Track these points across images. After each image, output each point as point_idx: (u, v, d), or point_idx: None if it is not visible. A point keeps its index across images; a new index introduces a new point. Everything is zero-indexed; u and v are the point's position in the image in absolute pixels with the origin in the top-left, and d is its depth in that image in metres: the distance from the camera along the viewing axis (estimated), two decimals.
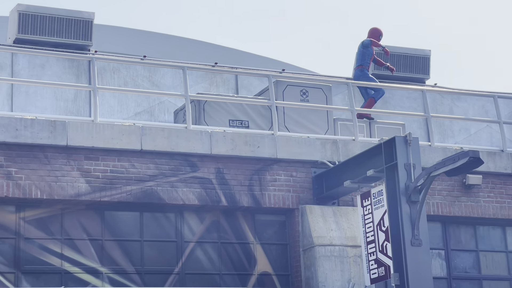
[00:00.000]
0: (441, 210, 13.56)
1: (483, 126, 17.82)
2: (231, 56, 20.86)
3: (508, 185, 14.04)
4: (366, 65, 15.62)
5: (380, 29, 15.92)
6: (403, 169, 11.48)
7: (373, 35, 15.83)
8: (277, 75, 14.65)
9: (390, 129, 14.97)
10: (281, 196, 12.73)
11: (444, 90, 16.79)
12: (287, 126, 13.91)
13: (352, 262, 12.40)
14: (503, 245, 14.24)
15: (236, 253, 12.64)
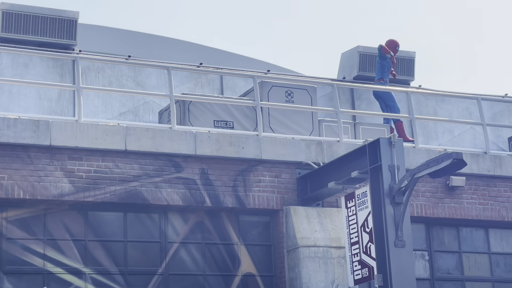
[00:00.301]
0: (425, 211, 13.60)
1: (467, 128, 17.89)
2: (216, 56, 20.84)
3: (491, 187, 14.11)
4: (386, 77, 15.80)
5: (396, 41, 16.08)
6: (387, 170, 11.51)
7: (390, 47, 15.99)
8: (262, 76, 14.65)
9: (375, 130, 15.01)
10: (265, 197, 12.72)
11: (428, 92, 16.85)
12: (272, 127, 13.90)
13: (336, 263, 12.41)
14: (485, 247, 14.30)
15: (220, 254, 12.63)
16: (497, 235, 14.41)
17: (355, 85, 15.96)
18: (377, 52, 16.02)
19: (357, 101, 17.51)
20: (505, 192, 14.19)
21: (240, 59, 21.02)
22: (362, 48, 17.69)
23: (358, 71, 17.65)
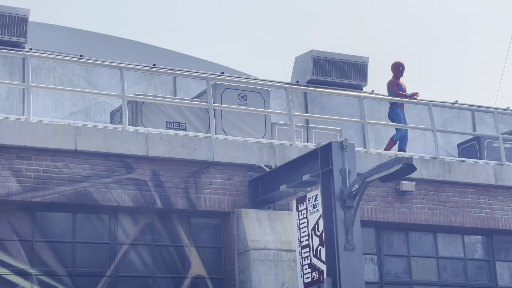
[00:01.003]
0: (375, 215, 13.70)
1: (417, 133, 18.09)
2: (170, 58, 20.75)
3: (440, 192, 14.27)
4: (396, 103, 15.70)
5: (398, 62, 15.98)
6: (338, 174, 11.55)
7: (393, 70, 15.96)
8: (216, 78, 14.62)
9: (327, 134, 15.07)
10: (217, 199, 12.69)
11: (381, 97, 16.98)
12: (225, 129, 13.88)
13: (286, 266, 12.43)
14: (434, 251, 14.46)
15: (170, 256, 12.55)
16: (445, 240, 14.58)
17: (308, 89, 16.01)
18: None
19: (310, 105, 17.59)
20: (454, 197, 14.37)
21: (193, 61, 20.96)
22: (316, 52, 17.78)
23: (311, 75, 17.73)
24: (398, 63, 15.98)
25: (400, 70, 15.97)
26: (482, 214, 14.55)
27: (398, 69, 15.96)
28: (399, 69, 15.96)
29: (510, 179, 14.80)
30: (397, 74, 16.00)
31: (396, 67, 15.97)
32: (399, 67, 15.96)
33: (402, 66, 15.99)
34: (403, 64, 16.01)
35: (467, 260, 14.69)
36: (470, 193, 14.53)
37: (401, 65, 15.99)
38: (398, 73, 16.00)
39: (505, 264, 14.97)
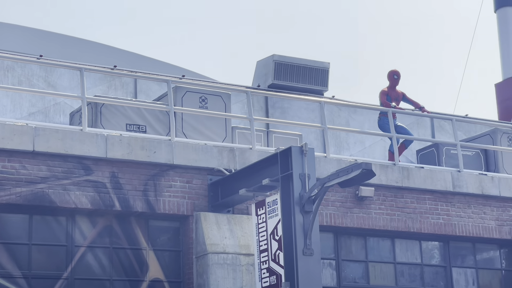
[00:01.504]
0: (334, 220, 13.75)
1: (377, 139, 18.21)
2: (131, 60, 20.64)
3: (398, 198, 14.37)
4: (385, 113, 15.56)
5: (394, 71, 15.81)
6: (298, 179, 11.58)
7: (389, 78, 15.80)
8: (177, 81, 14.56)
9: (287, 139, 15.11)
10: (176, 202, 12.63)
11: (341, 103, 17.07)
12: (185, 132, 13.83)
13: (245, 270, 12.41)
14: (391, 256, 14.55)
15: (128, 259, 12.46)
16: (402, 245, 14.69)
17: (269, 93, 16.04)
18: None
19: (271, 109, 17.61)
20: (412, 203, 14.48)
21: (155, 63, 20.88)
22: (277, 57, 17.82)
23: (273, 80, 17.77)
24: (394, 71, 15.83)
25: (395, 79, 15.80)
26: (440, 221, 14.69)
27: (393, 78, 15.79)
28: (394, 78, 15.79)
29: (467, 186, 14.97)
30: (393, 83, 15.82)
31: (392, 76, 15.81)
32: (394, 76, 15.80)
33: (397, 74, 15.82)
34: (398, 72, 15.84)
35: (424, 266, 14.81)
36: (428, 199, 14.66)
37: (396, 73, 15.82)
38: (393, 82, 15.82)
39: (461, 270, 15.13)
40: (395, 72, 15.84)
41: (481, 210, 15.08)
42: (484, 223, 15.04)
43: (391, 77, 15.82)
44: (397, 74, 15.82)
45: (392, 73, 15.83)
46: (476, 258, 15.30)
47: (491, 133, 17.30)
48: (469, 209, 14.96)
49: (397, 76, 15.83)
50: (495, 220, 15.17)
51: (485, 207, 15.11)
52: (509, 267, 15.59)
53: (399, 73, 15.85)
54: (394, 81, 15.83)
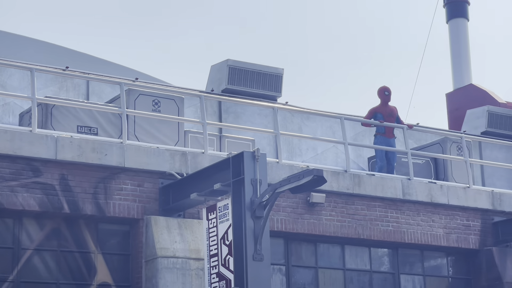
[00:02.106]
0: (285, 226, 13.76)
1: (329, 146, 18.30)
2: (83, 61, 20.43)
3: (349, 205, 14.45)
4: (380, 131, 15.59)
5: (384, 87, 15.77)
6: (249, 184, 11.56)
7: (379, 95, 15.76)
8: (130, 84, 14.46)
9: (240, 144, 15.10)
10: (126, 205, 12.53)
11: (294, 109, 17.12)
12: (137, 135, 13.74)
13: (194, 275, 12.35)
14: (341, 263, 14.63)
15: (75, 262, 12.31)
16: (352, 252, 14.77)
17: (223, 98, 16.02)
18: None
19: (224, 114, 17.59)
20: (362, 210, 14.57)
21: (108, 65, 20.71)
22: (231, 62, 17.81)
23: (226, 84, 17.76)
24: (384, 88, 15.81)
25: (386, 95, 15.80)
26: (389, 228, 14.80)
27: (384, 94, 15.78)
28: (385, 94, 15.79)
29: (417, 194, 15.11)
30: (384, 99, 15.82)
31: (382, 92, 15.81)
32: (385, 92, 15.79)
33: (387, 90, 15.79)
34: (388, 88, 15.82)
35: (373, 273, 14.91)
36: (378, 206, 14.77)
37: (386, 89, 15.80)
38: (384, 98, 15.82)
39: (409, 277, 15.27)
40: (386, 88, 15.83)
41: (430, 218, 15.24)
42: (433, 231, 15.21)
43: (382, 93, 15.82)
44: (387, 91, 15.79)
45: (382, 90, 15.83)
46: (424, 266, 15.46)
47: (441, 142, 17.52)
48: (418, 217, 15.12)
49: (388, 92, 15.81)
50: (443, 228, 15.35)
51: (433, 215, 15.28)
52: (455, 274, 15.79)
53: (389, 89, 15.81)
54: (386, 98, 15.83)
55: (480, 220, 15.74)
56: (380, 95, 15.86)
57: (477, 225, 15.69)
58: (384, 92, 15.82)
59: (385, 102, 15.86)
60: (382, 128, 15.74)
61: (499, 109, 21.48)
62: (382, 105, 15.85)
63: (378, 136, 15.76)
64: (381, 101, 15.92)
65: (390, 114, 15.82)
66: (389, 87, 15.85)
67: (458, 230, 15.48)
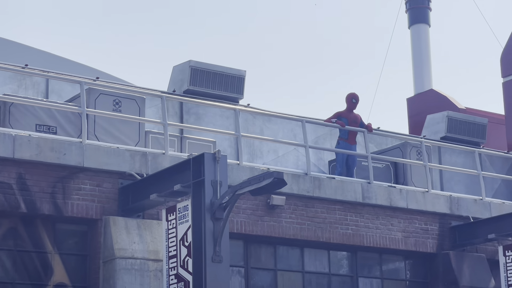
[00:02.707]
0: (244, 228, 13.75)
1: (291, 149, 18.33)
2: (43, 59, 20.21)
3: (309, 208, 14.48)
4: (343, 136, 15.63)
5: (352, 94, 15.79)
6: (209, 185, 11.54)
7: (347, 101, 15.79)
8: (90, 83, 14.34)
9: (201, 145, 15.06)
10: (84, 205, 12.41)
11: (256, 111, 17.12)
12: (97, 135, 13.62)
13: (153, 276, 12.28)
14: (300, 265, 14.65)
15: (32, 262, 12.16)
16: (311, 255, 14.81)
17: (184, 99, 15.96)
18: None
19: (186, 115, 17.53)
20: (322, 213, 14.62)
21: (68, 63, 20.51)
22: (194, 63, 17.75)
23: (188, 85, 17.69)
24: (352, 95, 15.84)
25: (353, 103, 15.84)
26: (349, 231, 14.87)
27: (351, 101, 15.82)
28: (352, 101, 15.83)
29: (376, 197, 15.21)
30: (350, 106, 15.88)
31: (350, 99, 15.85)
32: (353, 99, 15.83)
33: (355, 98, 15.83)
34: (357, 96, 15.85)
35: (332, 275, 14.97)
36: (338, 209, 14.82)
37: (354, 97, 15.83)
38: (351, 105, 15.88)
39: (367, 280, 15.35)
40: (354, 96, 15.89)
41: (389, 221, 15.35)
42: (391, 235, 15.31)
43: (350, 100, 15.88)
44: (355, 98, 15.85)
45: (350, 97, 15.89)
46: (382, 269, 15.56)
47: (401, 147, 17.65)
48: (377, 220, 15.20)
49: (355, 100, 15.87)
50: (402, 231, 15.46)
51: (392, 219, 15.39)
52: (413, 278, 15.91)
53: (358, 97, 15.87)
54: (352, 105, 15.91)
55: (438, 224, 15.89)
56: (348, 101, 15.95)
57: (435, 229, 15.84)
58: (352, 99, 15.90)
59: (351, 109, 15.96)
60: (345, 134, 15.83)
61: (459, 115, 21.72)
62: (348, 111, 15.95)
63: (341, 141, 15.86)
64: (347, 107, 16.01)
65: (354, 120, 15.93)
66: (358, 95, 15.93)
67: (416, 234, 15.61)
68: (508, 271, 15.40)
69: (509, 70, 22.29)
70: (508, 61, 22.35)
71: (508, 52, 22.44)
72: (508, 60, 22.34)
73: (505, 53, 22.51)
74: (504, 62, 22.45)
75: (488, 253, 16.17)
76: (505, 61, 22.43)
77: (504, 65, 22.45)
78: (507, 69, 22.34)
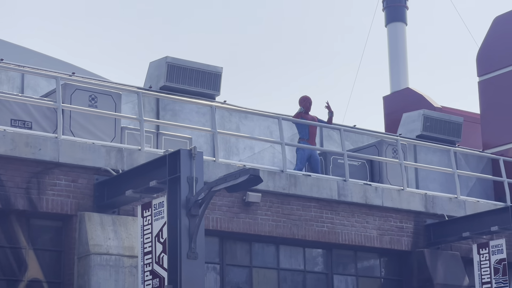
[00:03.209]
0: (220, 225, 13.75)
1: (267, 146, 18.35)
2: (19, 53, 20.05)
3: (285, 205, 14.51)
4: (304, 137, 15.83)
5: (305, 97, 16.06)
6: (185, 182, 11.52)
7: (302, 104, 16.03)
8: (66, 78, 14.26)
9: (177, 141, 15.03)
10: (59, 201, 12.35)
11: (232, 108, 17.12)
12: (73, 130, 13.56)
13: (128, 272, 12.25)
14: (275, 262, 14.68)
15: (6, 257, 12.08)
16: (286, 252, 14.84)
17: (160, 95, 15.91)
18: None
19: (162, 111, 17.48)
20: (298, 210, 14.65)
21: (44, 58, 20.37)
22: (170, 59, 17.70)
23: (165, 81, 17.63)
24: (306, 97, 16.12)
25: (309, 105, 16.10)
26: (324, 228, 14.91)
27: (307, 104, 16.09)
28: (307, 104, 16.09)
29: (352, 195, 15.26)
30: (307, 109, 16.11)
31: (305, 102, 16.10)
32: (307, 103, 16.10)
33: (310, 101, 16.11)
34: (310, 99, 16.13)
35: (307, 273, 15.01)
36: (313, 207, 14.86)
37: (309, 100, 16.10)
38: (308, 107, 16.11)
39: (342, 277, 15.41)
40: (307, 98, 16.16)
41: (364, 219, 15.41)
42: (367, 232, 15.38)
43: (306, 103, 16.14)
44: (309, 101, 16.13)
45: (305, 99, 16.14)
46: (357, 266, 15.62)
47: (377, 144, 17.73)
48: (353, 218, 15.26)
49: (310, 103, 16.14)
50: (377, 229, 15.53)
51: (368, 217, 15.45)
52: (388, 275, 16.00)
53: (311, 99, 16.16)
54: (308, 107, 16.15)
55: (413, 222, 15.98)
56: (304, 104, 16.15)
57: (410, 227, 15.93)
58: (307, 102, 16.16)
59: (307, 111, 16.20)
60: (306, 135, 16.02)
61: (434, 113, 21.85)
62: (305, 113, 16.17)
63: (302, 142, 16.02)
64: (303, 109, 16.20)
65: (312, 121, 16.15)
66: (310, 98, 16.22)
67: (392, 231, 15.68)
68: (482, 269, 15.53)
69: (485, 69, 22.46)
70: (484, 61, 22.52)
71: (484, 52, 22.61)
72: (484, 59, 22.51)
73: (481, 53, 22.68)
74: (480, 61, 22.62)
75: (463, 251, 16.29)
76: (481, 60, 22.59)
77: (480, 65, 22.62)
78: (483, 69, 22.51)
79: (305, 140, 15.99)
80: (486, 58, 22.45)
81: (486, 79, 22.38)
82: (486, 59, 22.44)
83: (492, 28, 22.63)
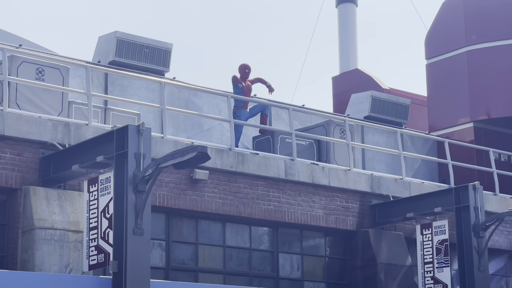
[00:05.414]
0: (167, 201, 13.74)
1: (215, 123, 18.34)
2: None
3: (232, 183, 14.55)
4: (239, 105, 16.45)
5: (244, 65, 16.82)
6: (132, 158, 11.48)
7: (240, 71, 16.81)
8: (13, 50, 14.03)
9: (125, 117, 14.94)
10: (4, 174, 12.20)
11: (181, 85, 17.05)
12: (19, 103, 13.37)
13: (73, 247, 12.18)
14: (221, 240, 14.74)
15: None
16: (233, 229, 14.91)
17: (109, 70, 15.75)
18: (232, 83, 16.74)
19: (111, 87, 17.33)
20: (245, 188, 14.71)
21: None
22: (120, 34, 17.55)
23: (114, 56, 17.48)
24: (245, 65, 16.87)
25: (246, 72, 16.86)
26: (270, 207, 15.00)
27: (244, 71, 16.84)
28: (245, 71, 16.84)
29: (299, 174, 15.37)
30: (244, 76, 16.86)
31: (243, 69, 16.86)
32: (245, 70, 16.85)
33: (248, 69, 16.86)
34: (249, 67, 16.86)
35: (252, 251, 15.10)
36: (260, 185, 14.94)
37: (247, 67, 16.86)
38: (244, 75, 16.84)
39: (287, 255, 15.55)
40: (246, 66, 16.91)
41: (311, 198, 15.54)
42: (313, 211, 15.52)
43: (243, 70, 16.92)
44: (248, 69, 16.90)
45: (243, 67, 16.90)
46: (302, 245, 15.77)
47: (325, 125, 17.85)
48: (299, 197, 15.38)
49: (248, 70, 16.91)
50: (323, 209, 15.68)
51: (314, 196, 15.59)
52: (332, 254, 16.18)
53: (250, 67, 16.91)
54: (246, 75, 16.91)
55: (358, 202, 16.18)
56: (241, 72, 16.92)
57: (356, 207, 16.12)
58: (245, 70, 16.92)
59: (245, 78, 16.89)
60: (241, 102, 16.62)
61: (383, 95, 22.07)
62: (242, 80, 16.84)
63: (237, 110, 16.54)
64: (240, 76, 16.91)
65: (249, 89, 16.88)
66: (249, 66, 16.93)
67: (337, 211, 15.85)
68: (425, 249, 15.81)
69: (433, 52, 22.75)
70: (432, 44, 22.80)
71: (432, 35, 22.89)
72: (432, 42, 22.79)
73: (430, 36, 22.96)
74: (428, 44, 22.90)
75: (406, 232, 16.56)
76: (429, 43, 22.87)
77: (428, 48, 22.90)
78: (431, 51, 22.80)
79: (240, 107, 16.55)
80: (434, 42, 22.74)
81: (434, 62, 22.69)
82: (434, 42, 22.73)
83: (440, 12, 22.91)
